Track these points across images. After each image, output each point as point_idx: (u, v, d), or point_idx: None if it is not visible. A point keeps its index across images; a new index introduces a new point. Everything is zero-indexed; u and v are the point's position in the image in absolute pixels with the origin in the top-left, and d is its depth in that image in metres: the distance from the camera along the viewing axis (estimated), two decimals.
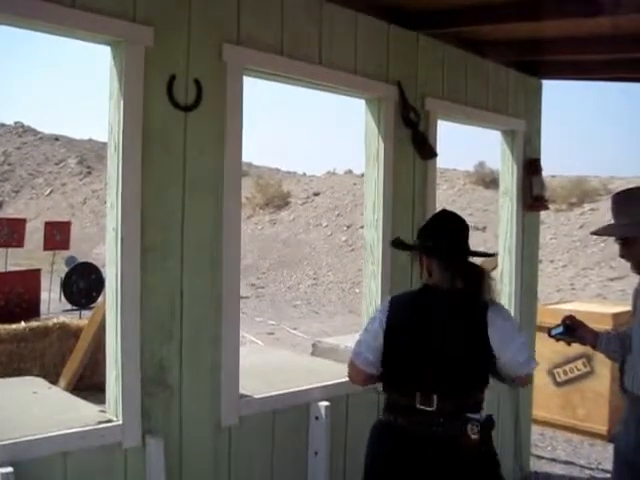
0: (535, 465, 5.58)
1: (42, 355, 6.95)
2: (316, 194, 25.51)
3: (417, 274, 3.00)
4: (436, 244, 2.83)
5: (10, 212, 32.09)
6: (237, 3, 3.18)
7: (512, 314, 5.02)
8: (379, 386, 2.94)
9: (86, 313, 11.94)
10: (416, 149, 4.12)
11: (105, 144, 2.98)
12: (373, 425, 2.91)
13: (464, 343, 2.73)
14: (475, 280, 2.80)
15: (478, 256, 3.03)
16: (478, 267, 2.88)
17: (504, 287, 5.11)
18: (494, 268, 5.44)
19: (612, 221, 2.98)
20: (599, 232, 3.11)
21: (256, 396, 3.32)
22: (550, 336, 3.14)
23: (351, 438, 3.72)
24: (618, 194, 3.00)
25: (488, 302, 2.77)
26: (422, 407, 2.69)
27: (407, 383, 2.76)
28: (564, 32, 4.26)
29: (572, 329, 3.10)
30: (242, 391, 3.24)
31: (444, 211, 3.02)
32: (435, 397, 2.68)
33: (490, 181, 22.07)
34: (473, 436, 2.68)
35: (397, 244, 3.09)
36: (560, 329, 3.10)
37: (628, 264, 2.95)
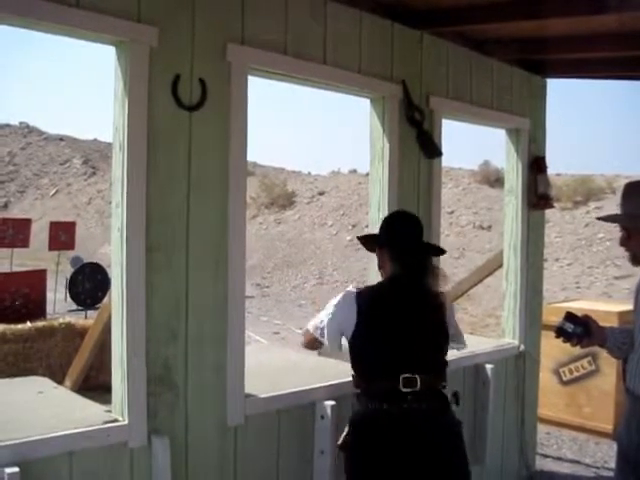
0: (541, 464, 5.58)
1: (48, 355, 6.96)
2: (321, 193, 25.52)
3: None
4: (388, 238, 3.17)
5: (15, 212, 32.21)
6: (241, 3, 3.18)
7: (517, 312, 5.04)
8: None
9: (92, 313, 11.97)
10: (421, 148, 4.12)
11: (110, 144, 2.99)
12: (355, 417, 3.07)
13: (431, 327, 3.09)
14: (422, 271, 3.10)
15: (432, 251, 3.29)
16: (425, 259, 3.15)
17: (509, 285, 5.11)
18: (499, 267, 5.43)
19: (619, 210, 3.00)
20: (604, 218, 3.15)
21: (261, 395, 3.32)
22: (561, 334, 3.05)
23: None
24: (630, 184, 3.00)
25: (438, 290, 3.14)
26: (406, 389, 2.91)
27: (390, 369, 2.97)
28: (569, 30, 4.25)
29: (589, 329, 3.03)
30: (247, 390, 3.24)
31: (399, 212, 3.43)
32: (418, 378, 2.92)
33: (495, 180, 22.02)
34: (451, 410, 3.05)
35: (360, 238, 3.37)
36: (579, 329, 3.03)
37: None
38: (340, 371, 3.53)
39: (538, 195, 5.15)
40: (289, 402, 3.42)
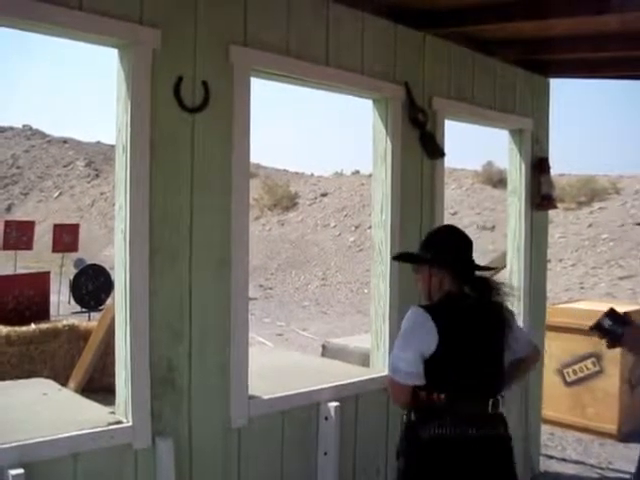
0: (545, 465, 5.57)
1: (52, 357, 6.97)
2: (324, 195, 25.52)
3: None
4: (454, 258, 2.90)
5: (19, 215, 32.21)
6: (244, 4, 3.18)
7: (521, 313, 5.02)
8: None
9: (95, 315, 11.98)
10: (424, 149, 4.12)
11: (113, 146, 3.00)
12: (430, 441, 2.76)
13: (500, 347, 2.91)
14: (487, 289, 2.90)
15: (485, 270, 3.08)
16: (486, 278, 2.99)
17: None
18: (503, 267, 5.43)
19: None
20: None
21: (265, 397, 3.33)
22: (598, 329, 2.96)
23: (360, 438, 3.72)
24: None
25: (503, 306, 2.93)
26: (492, 412, 2.82)
27: (478, 391, 2.79)
28: (571, 30, 4.25)
29: (626, 331, 2.97)
30: (251, 392, 3.24)
31: (451, 226, 3.12)
32: (498, 401, 2.83)
33: (498, 180, 22.00)
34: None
35: (403, 257, 3.15)
36: (616, 327, 2.89)
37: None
38: (344, 372, 3.53)
39: (541, 195, 5.15)
40: (293, 403, 3.42)
